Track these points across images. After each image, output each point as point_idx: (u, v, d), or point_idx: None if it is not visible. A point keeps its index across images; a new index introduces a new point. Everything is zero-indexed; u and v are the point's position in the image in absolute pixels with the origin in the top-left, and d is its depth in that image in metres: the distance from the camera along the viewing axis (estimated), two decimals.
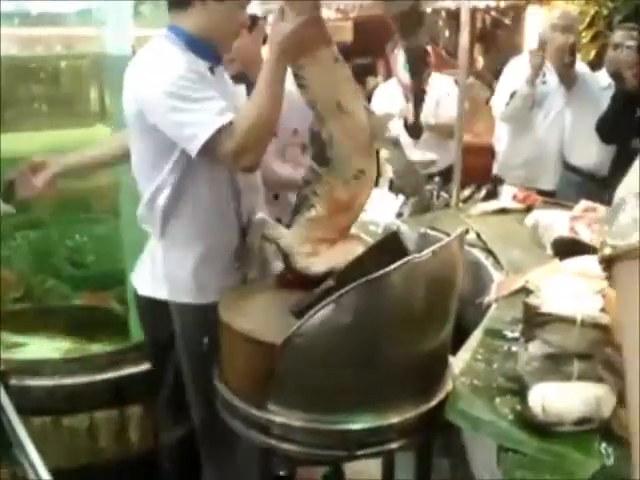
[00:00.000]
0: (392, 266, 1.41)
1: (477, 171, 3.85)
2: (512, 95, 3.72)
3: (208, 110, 1.71)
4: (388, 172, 4.25)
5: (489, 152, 4.19)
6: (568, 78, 3.61)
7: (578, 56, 3.83)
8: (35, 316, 2.73)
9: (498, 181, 3.78)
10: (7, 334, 2.53)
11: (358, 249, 1.81)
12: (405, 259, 1.46)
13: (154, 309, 2.02)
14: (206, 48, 1.84)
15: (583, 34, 5.33)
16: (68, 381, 2.40)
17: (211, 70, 1.86)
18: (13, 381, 2.10)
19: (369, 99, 4.73)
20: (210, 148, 1.71)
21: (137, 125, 1.84)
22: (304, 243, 1.84)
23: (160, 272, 1.96)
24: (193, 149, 1.72)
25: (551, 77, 3.75)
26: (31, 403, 2.29)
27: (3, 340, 2.41)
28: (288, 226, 1.92)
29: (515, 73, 3.87)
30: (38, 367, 2.42)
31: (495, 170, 4.06)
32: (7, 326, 2.54)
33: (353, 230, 1.98)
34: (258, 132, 1.73)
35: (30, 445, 1.57)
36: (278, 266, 1.98)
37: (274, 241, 1.87)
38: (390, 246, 1.68)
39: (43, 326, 2.66)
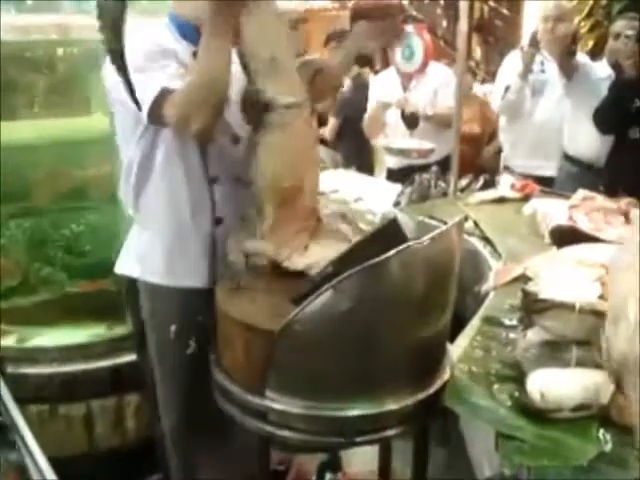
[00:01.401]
0: (391, 252, 1.41)
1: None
2: (506, 89, 3.76)
3: (157, 76, 1.67)
4: (385, 162, 4.26)
5: (475, 140, 4.23)
6: (568, 68, 3.61)
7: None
8: (32, 304, 2.73)
9: (504, 169, 3.81)
10: (4, 325, 2.54)
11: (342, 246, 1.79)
12: (404, 245, 1.46)
13: (133, 289, 2.00)
14: (193, 32, 1.80)
15: (582, 24, 5.33)
16: (65, 369, 2.41)
17: (195, 55, 1.78)
18: (10, 369, 2.10)
19: (356, 85, 4.75)
20: (160, 114, 1.68)
21: (111, 101, 1.85)
22: (280, 247, 1.81)
23: (134, 250, 1.97)
24: (144, 114, 1.69)
25: (549, 65, 3.76)
26: (28, 391, 2.29)
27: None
28: None
29: (511, 67, 3.89)
30: (35, 355, 2.42)
31: (504, 159, 4.08)
32: (4, 318, 2.54)
33: (343, 226, 1.96)
34: (199, 95, 1.64)
35: (28, 432, 1.57)
36: None
37: (256, 255, 1.84)
38: (389, 233, 1.67)
39: (40, 314, 2.66)
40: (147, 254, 1.92)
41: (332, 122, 4.83)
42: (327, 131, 4.86)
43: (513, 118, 3.90)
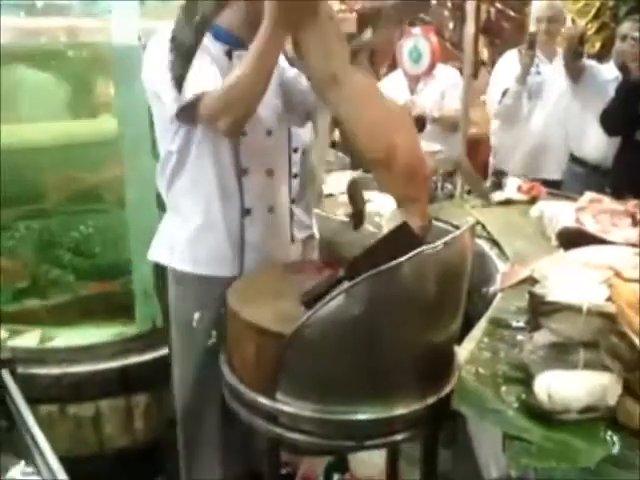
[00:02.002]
0: (403, 257, 1.41)
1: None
2: (504, 93, 3.74)
3: (191, 77, 1.71)
4: None
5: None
6: (575, 70, 3.61)
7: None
8: (42, 306, 2.74)
9: (499, 174, 3.79)
10: (15, 325, 2.56)
11: None
12: (417, 250, 1.47)
13: (163, 277, 2.03)
14: (226, 35, 1.84)
15: (589, 26, 5.33)
16: (74, 369, 2.42)
17: (228, 54, 1.84)
18: (19, 369, 2.11)
19: None
20: (190, 111, 1.73)
21: (149, 95, 1.90)
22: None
23: (164, 237, 2.01)
24: (173, 111, 1.74)
25: (544, 67, 3.76)
26: (37, 391, 2.31)
27: (11, 329, 2.43)
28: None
29: (506, 69, 3.88)
30: (44, 355, 2.43)
31: (494, 163, 4.06)
32: (15, 318, 2.56)
33: None
34: (236, 95, 1.68)
35: (39, 432, 1.58)
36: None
37: None
38: (401, 236, 1.67)
39: (49, 316, 2.67)
40: (176, 241, 1.96)
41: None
42: (337, 134, 4.85)
43: (510, 122, 3.89)
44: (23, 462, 1.52)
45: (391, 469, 2.14)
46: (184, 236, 1.94)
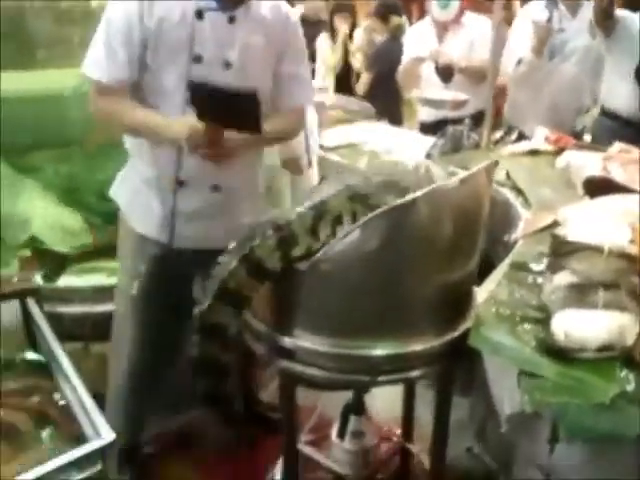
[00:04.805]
0: (419, 192, 1.41)
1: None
2: (519, 62, 3.62)
3: (111, 56, 1.80)
4: (419, 114, 4.22)
5: None
6: (606, 25, 3.49)
7: None
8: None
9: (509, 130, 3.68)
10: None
11: None
12: (432, 186, 1.46)
13: None
14: None
15: None
16: (97, 309, 2.46)
17: (198, 14, 1.79)
18: (46, 307, 2.15)
19: (393, 37, 4.68)
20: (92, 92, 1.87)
21: None
22: None
23: (120, 180, 2.08)
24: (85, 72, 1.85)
25: (568, 23, 3.62)
26: (62, 330, 2.35)
27: None
28: None
29: (522, 32, 3.74)
30: (69, 295, 2.47)
31: (508, 118, 3.92)
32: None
33: None
34: (116, 122, 1.90)
35: (68, 364, 1.63)
36: None
37: None
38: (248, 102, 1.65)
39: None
40: (123, 187, 2.04)
41: (365, 76, 4.78)
42: (359, 86, 4.82)
43: (526, 87, 3.74)
44: None
45: (407, 411, 2.16)
46: (126, 189, 2.02)
